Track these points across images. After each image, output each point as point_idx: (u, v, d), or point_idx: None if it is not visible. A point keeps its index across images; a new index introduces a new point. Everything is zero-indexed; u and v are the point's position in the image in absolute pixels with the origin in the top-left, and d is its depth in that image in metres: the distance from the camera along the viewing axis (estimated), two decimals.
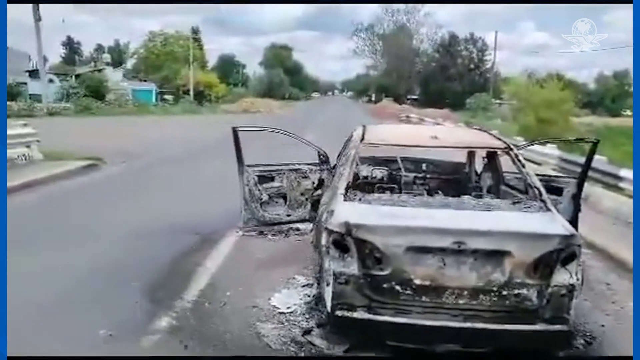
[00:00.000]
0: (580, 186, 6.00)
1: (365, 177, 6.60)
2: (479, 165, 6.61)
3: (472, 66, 65.86)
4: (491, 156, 5.77)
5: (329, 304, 3.88)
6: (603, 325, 4.57)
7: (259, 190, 6.67)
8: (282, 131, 6.86)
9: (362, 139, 4.92)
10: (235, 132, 6.43)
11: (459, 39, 66.58)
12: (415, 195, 4.77)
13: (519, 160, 4.69)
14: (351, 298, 3.81)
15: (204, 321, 4.41)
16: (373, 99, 75.44)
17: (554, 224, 3.93)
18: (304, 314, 4.51)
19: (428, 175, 6.89)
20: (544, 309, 3.71)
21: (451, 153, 6.51)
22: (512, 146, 4.90)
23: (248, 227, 6.74)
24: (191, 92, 50.32)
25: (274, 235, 6.81)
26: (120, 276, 5.36)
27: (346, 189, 4.29)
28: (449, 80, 62.68)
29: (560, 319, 3.72)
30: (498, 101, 49.34)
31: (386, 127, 6.55)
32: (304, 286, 5.14)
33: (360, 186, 5.51)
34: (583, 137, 6.89)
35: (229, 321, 4.41)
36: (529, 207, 4.20)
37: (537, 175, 6.08)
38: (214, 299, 4.83)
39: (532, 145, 8.42)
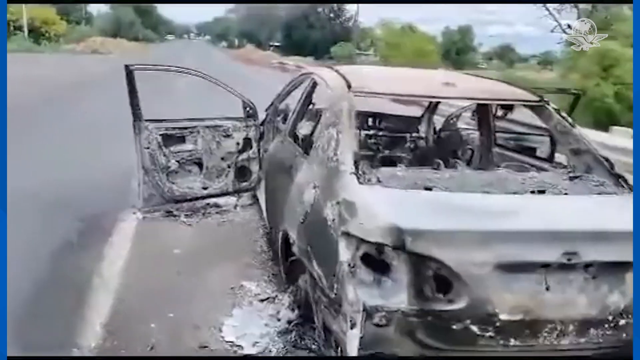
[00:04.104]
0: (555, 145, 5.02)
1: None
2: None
3: (332, 15, 65.32)
4: (483, 111, 4.53)
5: (354, 354, 2.36)
6: None
7: (164, 155, 4.82)
8: (193, 71, 5.04)
9: (349, 86, 3.29)
10: (129, 71, 4.53)
11: None
12: (435, 169, 3.27)
13: (563, 117, 3.44)
14: (394, 346, 2.33)
15: None
16: (236, 44, 71.82)
17: None
18: (286, 355, 2.94)
19: (379, 133, 5.53)
20: None
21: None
22: (547, 100, 3.62)
23: (150, 206, 4.89)
24: (25, 29, 43.14)
25: (187, 216, 5.00)
26: None
27: (356, 165, 2.72)
28: (311, 28, 61.70)
29: None
30: (357, 51, 49.68)
31: (370, 69, 4.98)
32: (262, 301, 3.52)
33: None
34: (565, 88, 5.89)
35: None
36: (600, 186, 2.98)
37: (506, 132, 5.09)
38: (129, 341, 2.98)
39: None
